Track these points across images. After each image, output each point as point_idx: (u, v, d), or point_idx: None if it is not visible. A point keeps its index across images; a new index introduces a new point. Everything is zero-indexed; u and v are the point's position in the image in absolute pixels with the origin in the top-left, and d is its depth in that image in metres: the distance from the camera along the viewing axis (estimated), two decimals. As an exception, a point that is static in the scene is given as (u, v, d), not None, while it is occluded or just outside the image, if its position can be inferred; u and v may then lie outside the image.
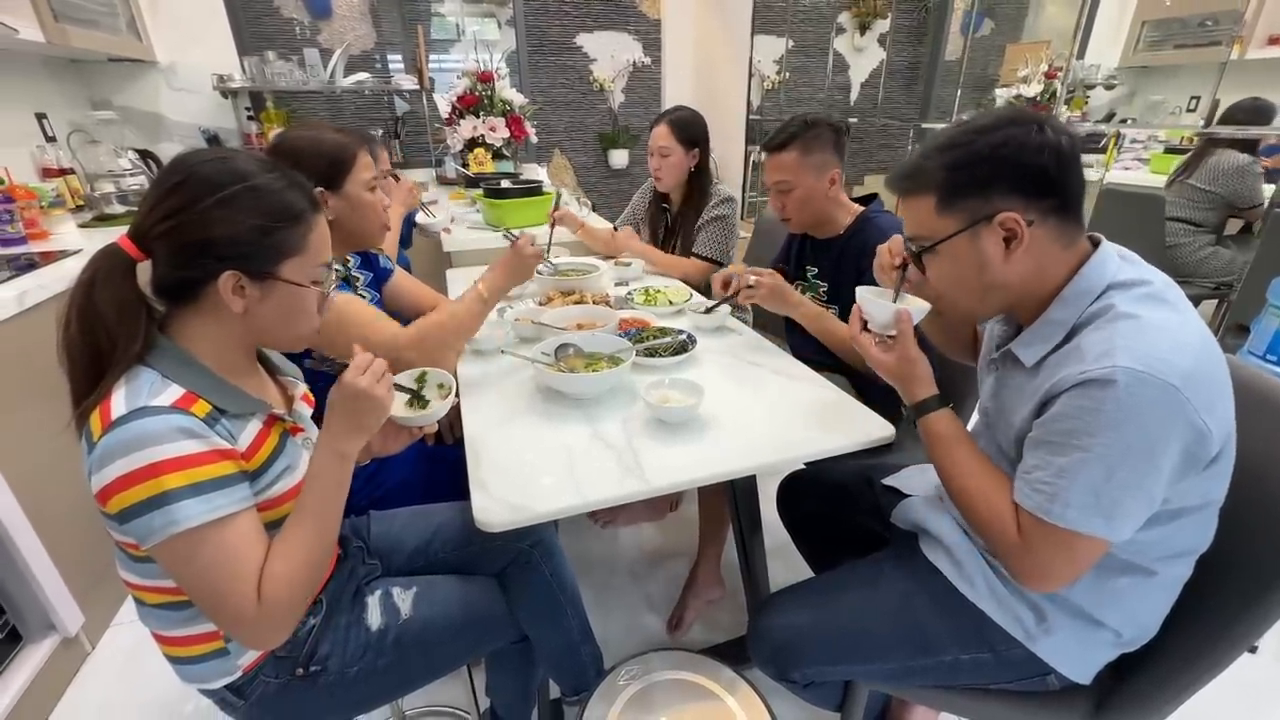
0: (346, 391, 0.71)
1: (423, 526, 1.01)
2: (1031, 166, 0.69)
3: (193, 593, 0.66)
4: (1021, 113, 0.73)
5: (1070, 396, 0.67)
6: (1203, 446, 0.65)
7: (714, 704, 0.85)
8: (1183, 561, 0.76)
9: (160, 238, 0.66)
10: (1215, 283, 2.57)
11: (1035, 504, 0.70)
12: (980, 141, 0.71)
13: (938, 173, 0.74)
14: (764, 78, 4.06)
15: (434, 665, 0.91)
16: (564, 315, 1.37)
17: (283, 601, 0.67)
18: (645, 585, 1.68)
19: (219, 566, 0.64)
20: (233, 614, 0.65)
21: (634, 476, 0.88)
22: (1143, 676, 0.82)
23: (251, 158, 0.72)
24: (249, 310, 0.70)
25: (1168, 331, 0.66)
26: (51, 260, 1.61)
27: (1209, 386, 0.65)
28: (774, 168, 1.34)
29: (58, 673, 1.38)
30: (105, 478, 0.60)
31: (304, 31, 3.13)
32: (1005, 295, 0.77)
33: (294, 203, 0.71)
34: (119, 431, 0.60)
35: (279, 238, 0.69)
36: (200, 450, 0.62)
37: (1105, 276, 0.72)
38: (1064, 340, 0.73)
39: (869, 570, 0.96)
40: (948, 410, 0.86)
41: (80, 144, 2.37)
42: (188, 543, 0.62)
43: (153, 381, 0.64)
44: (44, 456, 1.32)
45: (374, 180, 1.16)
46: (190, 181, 0.66)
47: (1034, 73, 3.78)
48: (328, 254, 0.76)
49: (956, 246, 0.75)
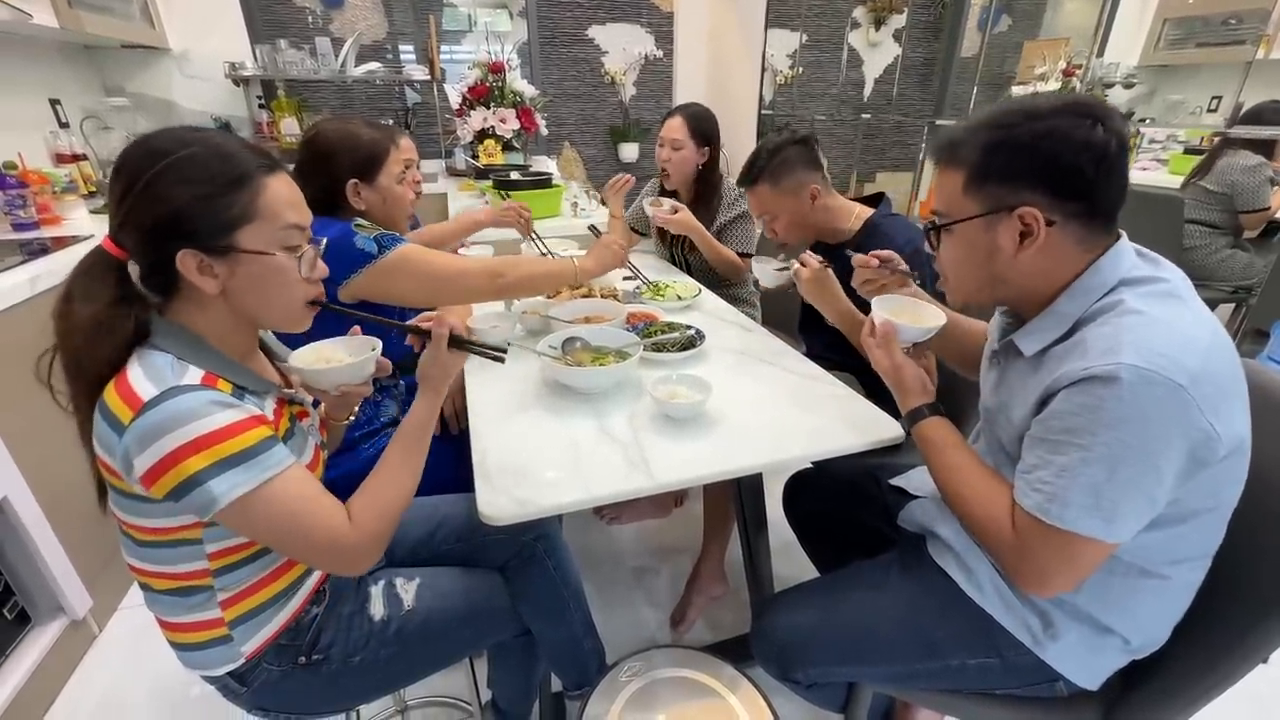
0: (426, 368, 0.80)
1: (427, 518, 1.01)
2: (1068, 165, 0.67)
3: (276, 541, 0.69)
4: (1082, 103, 0.68)
5: (1071, 393, 0.65)
6: (1209, 449, 0.63)
7: (716, 702, 0.84)
8: (1191, 566, 0.75)
9: (122, 229, 0.65)
10: (1234, 286, 2.52)
11: (1034, 503, 0.68)
12: (1025, 127, 0.68)
13: (974, 151, 0.71)
14: (777, 72, 4.02)
15: (436, 657, 0.91)
16: (572, 308, 1.36)
17: (375, 522, 0.71)
18: (649, 581, 1.68)
19: (294, 508, 0.66)
20: (326, 543, 0.68)
21: (640, 472, 0.87)
22: (1152, 686, 0.81)
23: (190, 129, 0.68)
24: (225, 289, 0.68)
25: (1176, 329, 0.64)
26: (64, 245, 1.62)
27: (1218, 387, 0.62)
28: (752, 202, 1.36)
29: (65, 655, 1.40)
30: (152, 458, 0.60)
31: (316, 21, 3.12)
32: (1007, 289, 0.76)
33: (233, 167, 0.65)
34: (156, 411, 0.60)
35: (221, 206, 0.65)
36: (242, 418, 0.63)
37: (1119, 272, 0.70)
38: (1067, 333, 0.71)
39: (875, 572, 0.95)
40: (941, 418, 0.85)
41: (93, 130, 2.38)
42: (255, 501, 0.63)
43: (170, 364, 0.64)
44: (55, 441, 1.33)
45: (404, 173, 1.23)
46: (125, 168, 0.64)
47: (1052, 70, 3.72)
48: (294, 215, 0.70)
49: (971, 230, 0.73)
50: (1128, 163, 0.69)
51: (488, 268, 1.15)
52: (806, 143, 1.30)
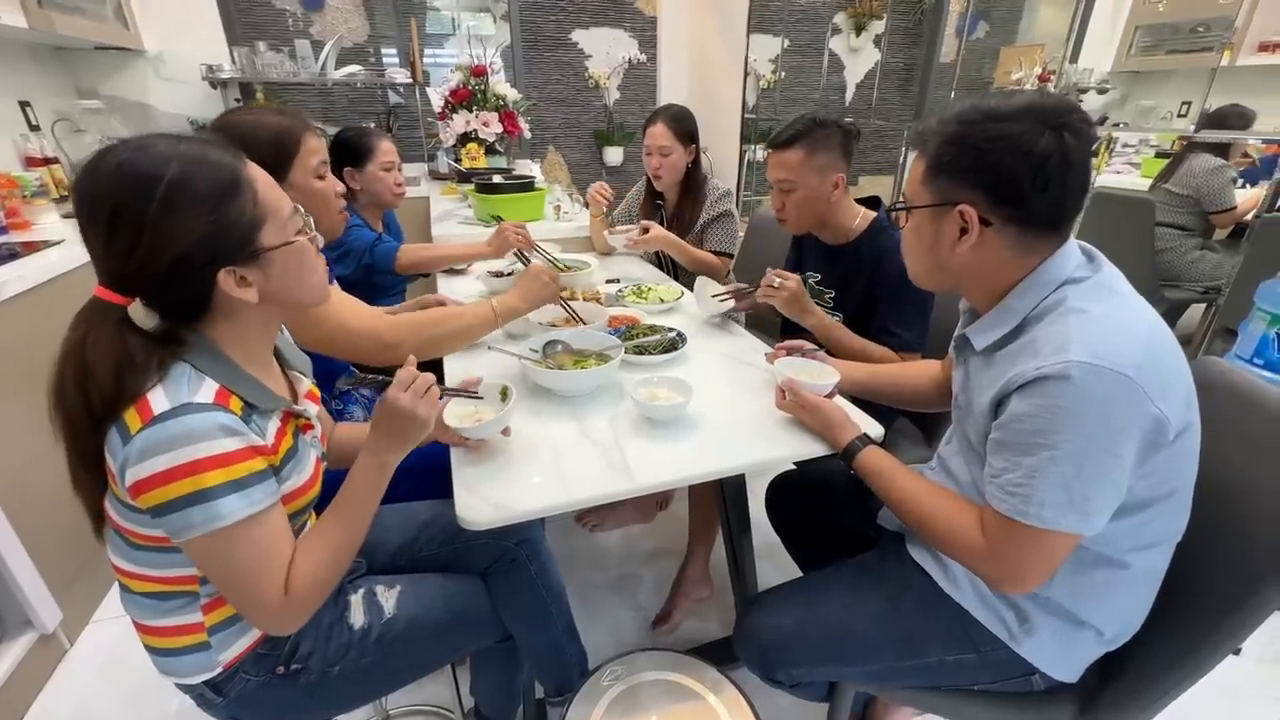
0: (388, 409, 0.74)
1: (407, 524, 1.00)
2: (1006, 173, 0.69)
3: (223, 583, 0.68)
4: (1042, 107, 0.69)
5: (1028, 394, 0.68)
6: (1161, 433, 0.66)
7: (698, 704, 0.84)
8: (1156, 552, 0.77)
9: (134, 276, 0.61)
10: (1204, 287, 2.58)
11: (1010, 507, 0.69)
12: (982, 127, 0.71)
13: (935, 143, 0.75)
14: (760, 77, 4.05)
15: (417, 664, 0.90)
16: (554, 311, 1.36)
17: (308, 596, 0.70)
18: (634, 584, 1.68)
19: (253, 559, 0.65)
20: (260, 604, 0.67)
21: (621, 474, 0.87)
22: (1128, 677, 0.83)
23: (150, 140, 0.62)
24: (262, 293, 0.67)
25: (1118, 323, 0.67)
26: (33, 250, 1.58)
27: (1161, 373, 0.65)
28: (777, 165, 1.30)
29: (34, 670, 1.36)
30: (143, 471, 0.59)
31: (296, 23, 3.09)
32: (949, 279, 0.80)
33: (220, 173, 0.63)
34: (162, 427, 0.59)
35: (234, 216, 0.63)
36: (239, 447, 0.62)
37: (1064, 271, 0.73)
38: (1017, 330, 0.74)
39: (855, 571, 0.96)
40: (876, 447, 0.89)
41: (65, 133, 2.33)
42: (227, 537, 0.62)
43: (189, 377, 0.63)
44: (22, 451, 1.30)
45: (322, 166, 1.10)
46: (124, 205, 0.59)
47: (1027, 75, 3.79)
48: (285, 198, 0.69)
49: (922, 218, 0.78)
50: (1075, 173, 0.69)
51: (381, 336, 1.02)
52: (851, 133, 1.30)
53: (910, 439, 1.43)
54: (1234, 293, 2.12)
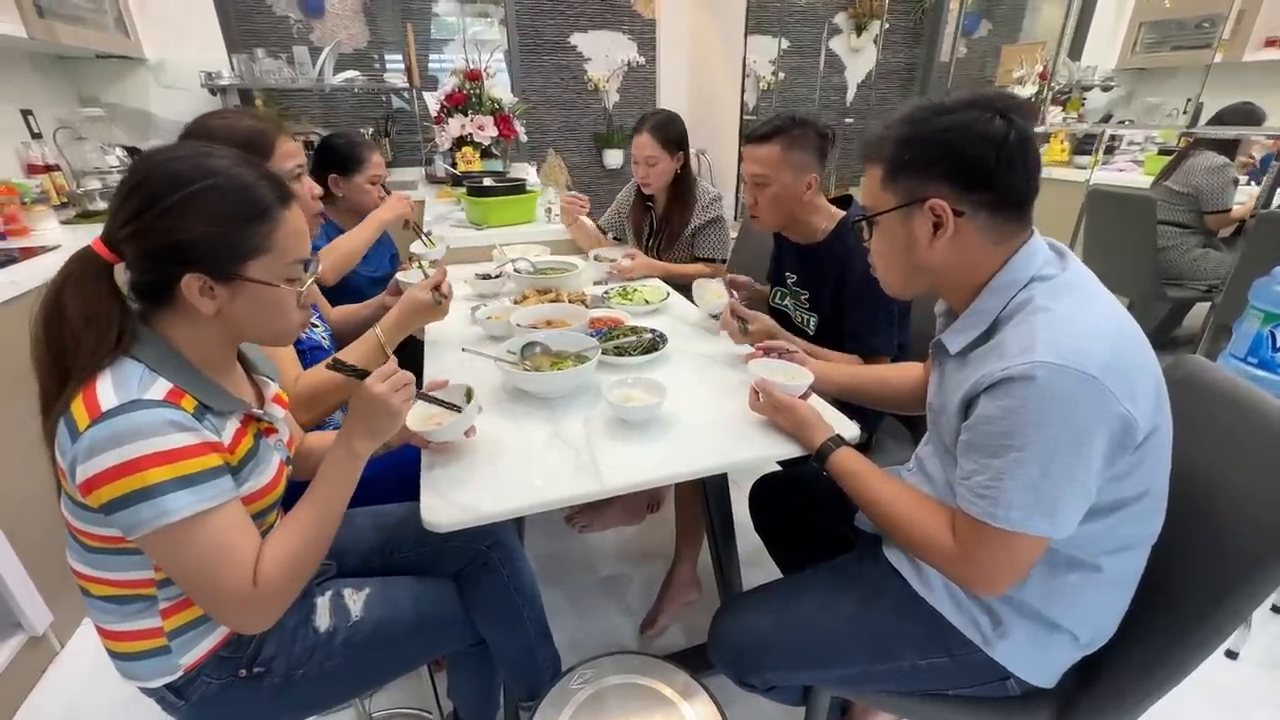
0: (365, 395, 0.75)
1: (379, 527, 1.00)
2: (970, 157, 0.69)
3: (184, 580, 0.67)
4: (984, 97, 0.71)
5: (994, 395, 0.67)
6: (1129, 434, 0.64)
7: (667, 710, 0.83)
8: (1129, 555, 0.75)
9: (126, 241, 0.65)
10: (1207, 285, 2.54)
11: (980, 509, 0.68)
12: (932, 122, 0.71)
13: (889, 146, 0.74)
14: (759, 78, 4.04)
15: (385, 668, 0.90)
16: (535, 313, 1.36)
17: (279, 587, 0.69)
18: (622, 587, 1.67)
19: (212, 554, 0.65)
20: (227, 598, 0.67)
21: (589, 476, 0.86)
22: (1105, 682, 0.81)
23: (217, 152, 0.69)
24: (221, 311, 0.69)
25: (1083, 323, 0.66)
26: (31, 256, 1.61)
27: (1128, 373, 0.64)
28: (752, 159, 1.32)
29: (24, 672, 1.37)
30: (92, 469, 0.59)
31: (296, 30, 3.13)
32: (930, 278, 0.79)
33: (257, 200, 0.68)
34: (110, 424, 0.59)
35: (240, 238, 0.67)
36: (190, 443, 0.63)
37: (1031, 269, 0.72)
38: (988, 332, 0.73)
39: (831, 574, 0.95)
40: (849, 448, 0.88)
41: (67, 140, 2.36)
42: (179, 533, 0.62)
43: (140, 374, 0.63)
44: (13, 453, 1.31)
45: (299, 170, 1.11)
46: (148, 183, 0.64)
47: (1029, 74, 3.76)
48: (304, 250, 0.73)
49: (890, 222, 0.76)
50: (1031, 155, 0.70)
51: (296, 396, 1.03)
52: (827, 137, 1.32)
53: (898, 440, 1.42)
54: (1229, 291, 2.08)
